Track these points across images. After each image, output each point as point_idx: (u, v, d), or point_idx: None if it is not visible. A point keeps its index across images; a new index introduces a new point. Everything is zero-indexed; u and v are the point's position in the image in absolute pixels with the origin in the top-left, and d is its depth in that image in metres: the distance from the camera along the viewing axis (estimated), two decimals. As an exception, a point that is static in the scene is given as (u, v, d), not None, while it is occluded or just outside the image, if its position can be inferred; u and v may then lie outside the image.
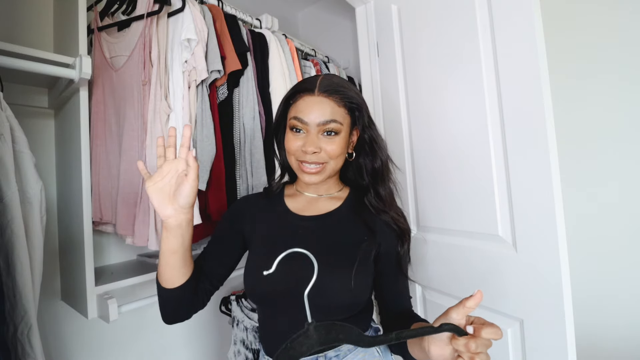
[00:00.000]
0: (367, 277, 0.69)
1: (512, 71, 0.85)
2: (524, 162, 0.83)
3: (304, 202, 0.77)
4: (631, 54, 0.94)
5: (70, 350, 1.10)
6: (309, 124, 0.68)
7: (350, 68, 1.91)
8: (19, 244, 0.75)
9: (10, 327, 0.75)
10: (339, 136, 0.69)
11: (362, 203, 0.75)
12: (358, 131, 0.75)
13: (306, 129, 0.69)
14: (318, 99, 0.69)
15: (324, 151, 0.69)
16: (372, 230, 0.71)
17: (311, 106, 0.69)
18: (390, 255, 0.72)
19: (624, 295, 0.96)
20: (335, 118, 0.68)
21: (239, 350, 1.21)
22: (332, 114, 0.68)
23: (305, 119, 0.68)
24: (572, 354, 0.76)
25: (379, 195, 0.74)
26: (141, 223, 0.96)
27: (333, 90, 0.70)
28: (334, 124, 0.68)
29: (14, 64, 0.78)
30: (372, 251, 0.70)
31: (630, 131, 0.95)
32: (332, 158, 0.70)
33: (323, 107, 0.68)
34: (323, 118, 0.68)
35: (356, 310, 0.67)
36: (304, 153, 0.68)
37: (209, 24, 1.08)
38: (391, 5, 1.18)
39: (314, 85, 0.70)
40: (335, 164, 0.71)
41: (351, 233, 0.72)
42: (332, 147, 0.69)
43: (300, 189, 0.79)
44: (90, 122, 1.00)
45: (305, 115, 0.68)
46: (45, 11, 1.09)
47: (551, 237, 0.78)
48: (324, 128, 0.68)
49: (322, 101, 0.69)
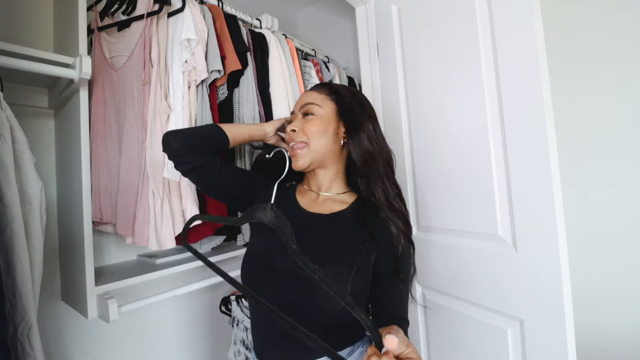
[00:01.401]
0: (365, 283, 0.69)
1: (512, 71, 0.85)
2: (524, 161, 0.83)
3: (311, 199, 0.81)
4: (631, 54, 0.94)
5: (70, 350, 1.10)
6: (295, 112, 0.81)
7: (350, 68, 1.91)
8: (19, 244, 0.75)
9: (10, 327, 0.75)
10: (316, 116, 0.77)
11: (367, 208, 0.75)
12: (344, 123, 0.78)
13: (293, 118, 0.81)
14: (307, 93, 0.82)
15: (302, 130, 0.76)
16: (373, 235, 0.71)
17: (300, 99, 0.82)
18: (388, 261, 0.71)
19: (624, 295, 0.96)
20: (312, 101, 0.78)
21: (239, 350, 1.21)
22: (312, 98, 0.79)
23: (294, 109, 0.82)
24: (572, 354, 0.76)
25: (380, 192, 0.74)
26: (141, 223, 0.96)
27: (321, 84, 0.83)
28: (310, 106, 0.78)
29: (14, 64, 0.78)
30: (371, 257, 0.70)
31: (630, 131, 0.95)
32: (311, 137, 0.75)
33: (307, 96, 0.80)
34: (304, 102, 0.79)
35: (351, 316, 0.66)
36: (290, 136, 0.78)
37: (209, 24, 1.07)
38: (391, 5, 1.18)
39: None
40: (315, 144, 0.75)
41: (352, 236, 0.72)
42: (307, 125, 0.76)
43: (307, 186, 0.83)
44: (90, 122, 1.00)
45: (294, 107, 0.82)
46: (45, 11, 1.09)
47: (551, 237, 0.78)
48: (303, 110, 0.79)
49: (308, 93, 0.82)
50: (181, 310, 1.39)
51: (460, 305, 1.01)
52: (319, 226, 0.74)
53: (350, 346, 0.70)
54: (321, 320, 0.65)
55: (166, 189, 0.98)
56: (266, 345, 0.72)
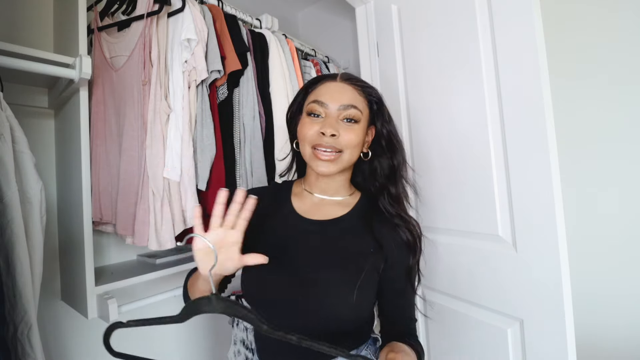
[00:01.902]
0: (371, 291, 0.66)
1: (512, 71, 0.85)
2: (524, 162, 0.83)
3: (310, 203, 0.73)
4: (631, 54, 0.94)
5: (70, 350, 1.10)
6: (328, 106, 0.66)
7: (350, 68, 1.91)
8: (19, 244, 0.75)
9: (10, 327, 0.75)
10: (359, 125, 0.67)
11: (372, 211, 0.72)
12: (374, 131, 0.73)
13: (325, 113, 0.66)
14: (340, 84, 0.68)
15: (342, 138, 0.65)
16: (379, 242, 0.68)
17: (333, 90, 0.67)
18: (396, 270, 0.69)
19: (624, 295, 0.96)
20: (356, 104, 0.67)
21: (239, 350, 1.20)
22: (354, 99, 0.67)
23: (325, 101, 0.66)
24: (572, 354, 0.76)
25: (392, 197, 0.71)
26: (141, 223, 0.96)
27: (355, 79, 0.70)
28: (354, 110, 0.66)
29: (14, 64, 0.78)
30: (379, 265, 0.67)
31: (630, 131, 0.95)
32: (348, 147, 0.66)
33: (345, 91, 0.67)
34: (344, 102, 0.66)
35: (358, 323, 0.65)
36: (321, 136, 0.64)
37: (209, 24, 1.08)
38: (391, 5, 1.18)
39: (336, 75, 0.70)
40: (350, 156, 0.67)
41: (357, 243, 0.68)
42: (350, 136, 0.65)
43: (309, 188, 0.75)
44: (90, 122, 1.00)
45: (326, 98, 0.66)
46: (45, 11, 1.09)
47: (551, 237, 0.78)
48: (344, 113, 0.66)
49: (344, 87, 0.68)
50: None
51: (460, 305, 1.01)
52: (321, 235, 0.69)
53: (355, 349, 0.70)
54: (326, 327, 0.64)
55: (166, 189, 0.98)
56: (271, 351, 0.71)
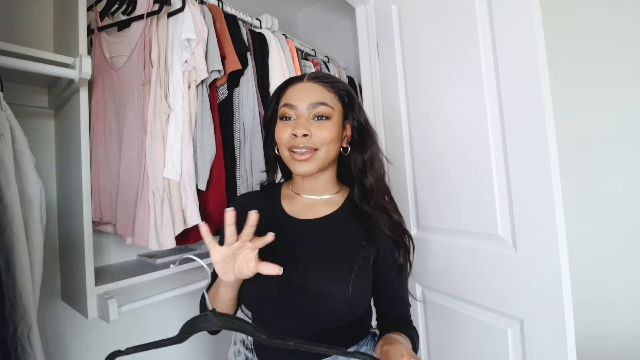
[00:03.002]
0: (366, 284, 0.67)
1: (512, 71, 0.85)
2: (524, 161, 0.83)
3: (300, 204, 0.74)
4: (631, 53, 0.94)
5: (70, 350, 1.10)
6: (298, 107, 0.67)
7: (350, 68, 1.92)
8: (19, 244, 0.75)
9: (10, 327, 0.75)
10: (331, 121, 0.68)
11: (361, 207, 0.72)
12: (351, 124, 0.73)
13: (296, 114, 0.67)
14: (308, 84, 0.69)
15: (314, 136, 0.66)
16: (370, 234, 0.69)
17: (300, 90, 0.69)
18: (389, 260, 0.70)
19: (624, 295, 0.96)
20: (325, 101, 0.67)
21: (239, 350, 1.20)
22: (322, 97, 0.68)
23: (294, 103, 0.67)
24: (572, 354, 0.76)
25: (365, 190, 0.72)
26: (141, 223, 0.96)
27: (322, 77, 0.70)
28: (323, 107, 0.67)
29: (14, 64, 0.78)
30: (370, 256, 0.68)
31: (630, 131, 0.95)
32: (323, 144, 0.66)
33: (312, 90, 0.68)
34: (313, 100, 0.67)
35: (355, 317, 0.66)
36: (294, 138, 0.66)
37: (209, 24, 1.08)
38: (391, 5, 1.18)
39: (304, 75, 0.72)
40: (327, 153, 0.68)
41: (349, 238, 0.70)
42: (323, 133, 0.66)
43: (296, 190, 0.76)
44: (90, 122, 1.00)
45: (294, 100, 0.67)
46: (45, 11, 1.09)
47: (551, 237, 0.78)
48: (314, 112, 0.67)
49: (311, 86, 0.69)
50: (181, 310, 1.39)
51: (460, 305, 1.01)
52: (313, 234, 0.70)
53: (355, 345, 0.70)
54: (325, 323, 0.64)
55: (166, 189, 0.98)
56: (271, 350, 0.71)
